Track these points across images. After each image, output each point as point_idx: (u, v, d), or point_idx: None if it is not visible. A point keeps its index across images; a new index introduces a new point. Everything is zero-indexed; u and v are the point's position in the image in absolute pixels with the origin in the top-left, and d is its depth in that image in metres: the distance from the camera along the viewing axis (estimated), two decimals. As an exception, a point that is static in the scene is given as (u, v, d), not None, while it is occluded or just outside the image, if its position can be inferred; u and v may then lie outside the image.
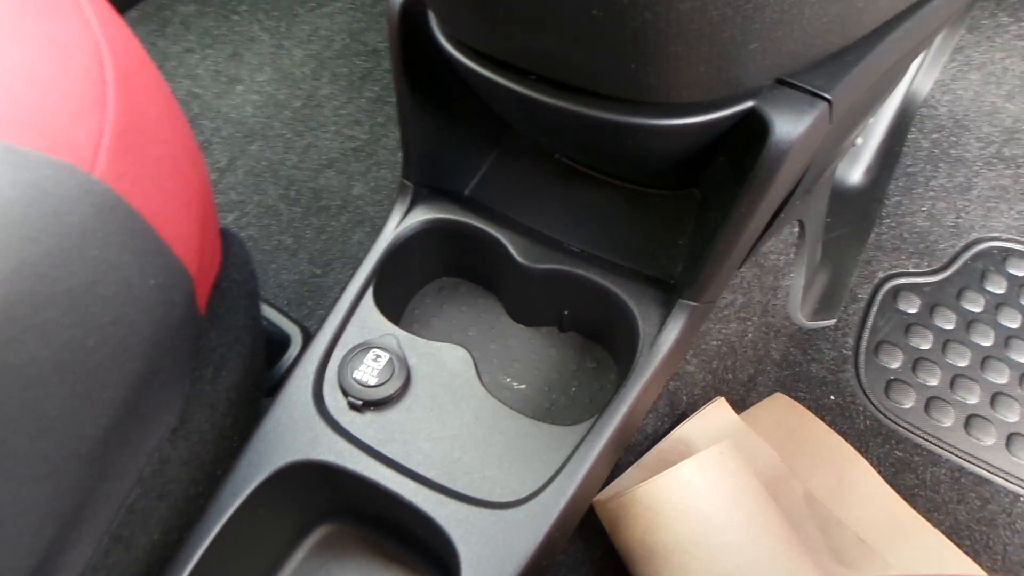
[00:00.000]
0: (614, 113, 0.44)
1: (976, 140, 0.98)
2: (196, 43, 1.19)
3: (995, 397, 0.79)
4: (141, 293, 0.40)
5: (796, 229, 0.79)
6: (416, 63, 0.55)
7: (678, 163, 0.53)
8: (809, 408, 0.78)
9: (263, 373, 0.65)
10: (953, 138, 0.98)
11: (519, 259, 0.60)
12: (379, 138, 1.05)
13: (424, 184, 0.64)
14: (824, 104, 0.44)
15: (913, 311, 0.86)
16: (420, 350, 0.59)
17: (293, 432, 0.54)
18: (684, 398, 0.80)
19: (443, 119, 0.62)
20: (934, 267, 0.89)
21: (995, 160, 0.96)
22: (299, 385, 0.57)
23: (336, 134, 1.06)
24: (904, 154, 0.98)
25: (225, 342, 0.53)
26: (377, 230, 0.81)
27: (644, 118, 0.44)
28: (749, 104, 0.44)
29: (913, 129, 1.00)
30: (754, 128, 0.44)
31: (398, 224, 0.63)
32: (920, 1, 0.46)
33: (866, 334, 0.84)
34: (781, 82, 0.44)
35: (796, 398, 0.80)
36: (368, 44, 1.17)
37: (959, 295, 0.86)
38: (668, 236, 0.64)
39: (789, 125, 0.43)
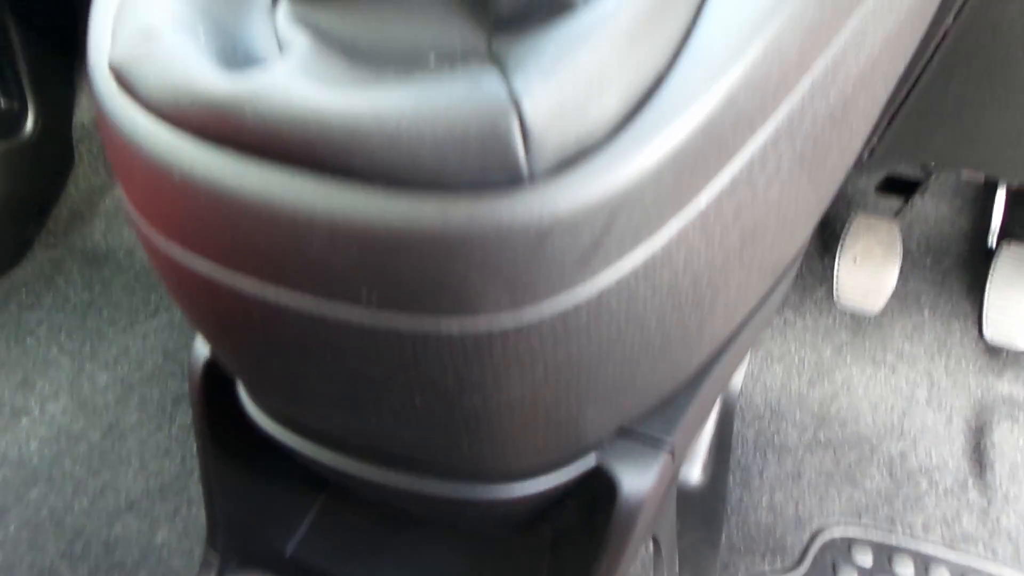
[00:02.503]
0: (448, 487, 0.39)
1: (793, 426, 1.03)
2: (-23, 372, 1.06)
3: None
4: None
5: (651, 546, 0.75)
6: (223, 423, 0.49)
7: (523, 516, 0.49)
8: None
9: None
10: (773, 426, 1.03)
11: (351, 644, 0.50)
12: (192, 470, 0.94)
13: (236, 550, 0.55)
14: (667, 451, 0.42)
15: (781, 619, 0.82)
16: None
17: None
18: None
19: (258, 474, 0.55)
20: (788, 564, 0.87)
21: (814, 444, 1.01)
22: None
23: (140, 469, 0.94)
24: (734, 447, 1.01)
25: None
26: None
27: (481, 490, 0.39)
28: (592, 461, 0.41)
29: (737, 420, 1.04)
30: (601, 485, 0.42)
31: (199, 610, 0.52)
32: (737, 329, 0.48)
33: None
34: (622, 430, 0.43)
35: None
36: (185, 364, 1.09)
37: None
38: (522, 585, 0.58)
39: (637, 481, 0.41)
